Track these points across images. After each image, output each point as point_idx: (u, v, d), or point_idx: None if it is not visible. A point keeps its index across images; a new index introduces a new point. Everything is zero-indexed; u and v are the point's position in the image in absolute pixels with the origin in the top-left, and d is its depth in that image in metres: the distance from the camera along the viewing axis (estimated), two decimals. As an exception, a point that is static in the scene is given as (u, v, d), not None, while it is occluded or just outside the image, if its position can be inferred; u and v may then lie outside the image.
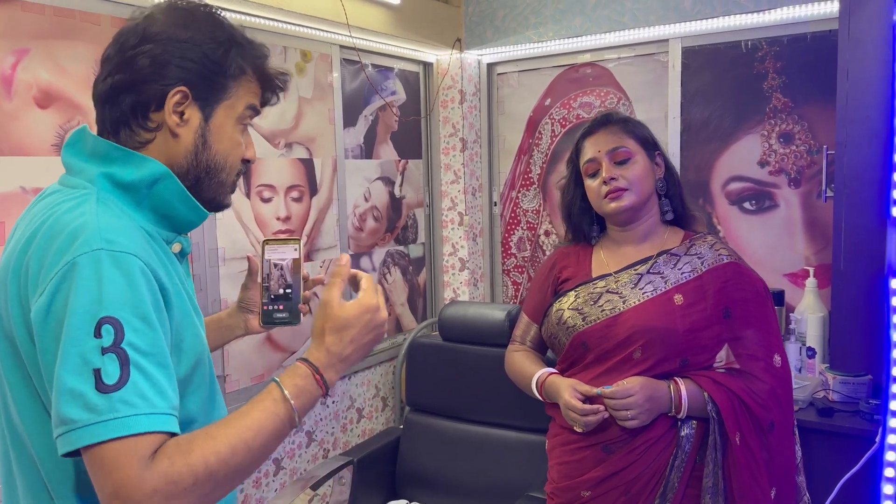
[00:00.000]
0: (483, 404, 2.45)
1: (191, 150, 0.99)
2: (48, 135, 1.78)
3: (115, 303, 0.83)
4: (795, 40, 2.49)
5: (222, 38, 1.00)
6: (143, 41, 0.95)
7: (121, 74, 0.95)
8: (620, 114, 1.67)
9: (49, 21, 1.78)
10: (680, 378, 1.50)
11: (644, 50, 2.80)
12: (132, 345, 0.83)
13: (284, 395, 0.92)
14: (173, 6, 1.00)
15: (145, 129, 0.97)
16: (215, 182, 1.02)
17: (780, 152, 2.54)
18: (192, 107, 0.98)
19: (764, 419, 1.48)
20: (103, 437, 0.79)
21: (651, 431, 1.50)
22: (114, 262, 0.84)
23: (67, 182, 0.97)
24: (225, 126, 1.01)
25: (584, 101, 2.97)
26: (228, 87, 1.00)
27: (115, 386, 0.80)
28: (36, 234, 0.89)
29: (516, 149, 3.17)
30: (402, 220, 3.05)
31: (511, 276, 3.25)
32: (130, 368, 0.82)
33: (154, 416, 0.82)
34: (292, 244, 1.18)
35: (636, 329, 1.51)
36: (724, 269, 1.56)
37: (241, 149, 1.04)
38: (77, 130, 0.99)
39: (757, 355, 1.52)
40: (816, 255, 2.49)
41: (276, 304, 1.17)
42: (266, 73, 1.05)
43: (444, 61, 3.11)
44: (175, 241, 1.01)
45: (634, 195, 1.57)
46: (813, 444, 1.97)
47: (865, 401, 2.02)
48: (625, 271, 1.60)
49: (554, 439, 1.66)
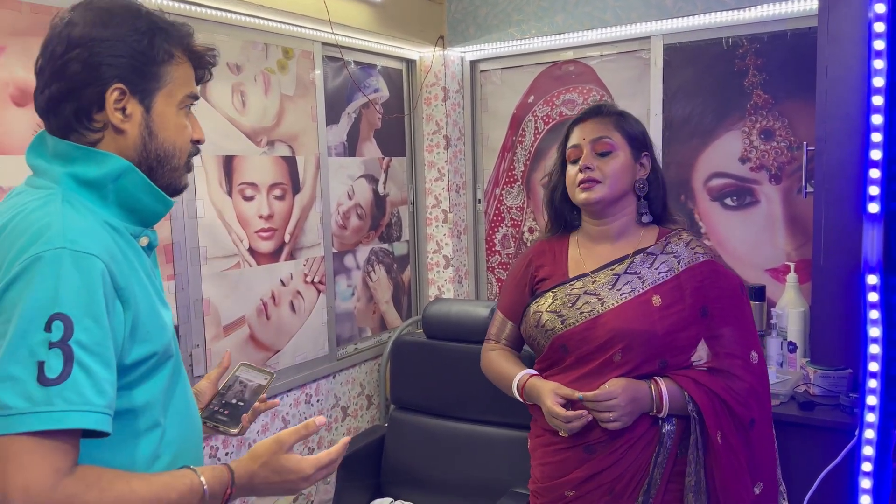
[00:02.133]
0: (467, 401, 2.45)
1: (139, 143, 1.01)
2: (26, 133, 1.76)
3: (69, 301, 0.86)
4: (775, 37, 2.51)
5: (144, 28, 1.01)
6: (69, 47, 0.97)
7: (56, 84, 0.97)
8: (616, 107, 1.65)
9: (26, 18, 1.75)
10: (660, 378, 1.51)
11: (626, 47, 2.81)
12: (80, 343, 0.86)
13: (204, 490, 0.96)
14: (89, 6, 1.00)
15: (92, 130, 0.99)
16: (168, 169, 1.05)
17: (761, 149, 2.56)
18: (132, 101, 1.00)
19: (745, 416, 1.49)
20: (34, 427, 0.82)
21: (632, 431, 1.50)
22: (74, 262, 0.88)
23: (33, 183, 1.00)
24: (167, 113, 1.03)
25: (567, 98, 2.98)
26: (161, 74, 1.02)
27: (55, 380, 0.84)
28: (2, 232, 0.92)
29: (500, 146, 3.17)
30: (386, 217, 3.05)
31: (495, 273, 3.26)
32: (74, 365, 0.85)
33: (86, 413, 0.85)
34: (265, 375, 1.27)
35: (615, 332, 1.51)
36: (701, 267, 1.56)
37: (187, 131, 1.07)
38: (38, 134, 1.02)
39: (735, 353, 1.52)
40: (797, 250, 2.52)
41: (224, 409, 1.23)
42: (194, 52, 1.07)
43: (428, 58, 3.11)
44: (142, 235, 1.04)
45: (606, 189, 1.56)
46: (794, 438, 1.99)
47: (845, 394, 2.04)
48: (602, 271, 1.59)
49: (536, 440, 1.66)
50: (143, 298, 0.98)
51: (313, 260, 2.63)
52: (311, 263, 2.63)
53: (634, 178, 1.61)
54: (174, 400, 1.06)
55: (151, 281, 1.03)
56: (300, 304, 2.58)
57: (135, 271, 0.98)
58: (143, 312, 0.97)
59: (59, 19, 1.00)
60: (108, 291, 0.91)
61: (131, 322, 0.95)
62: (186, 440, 1.08)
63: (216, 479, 0.98)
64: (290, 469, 1.03)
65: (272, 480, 1.03)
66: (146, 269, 1.03)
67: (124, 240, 1.00)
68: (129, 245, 1.00)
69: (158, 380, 1.02)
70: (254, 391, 1.24)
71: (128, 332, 0.94)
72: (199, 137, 1.09)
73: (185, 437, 1.08)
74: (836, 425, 1.95)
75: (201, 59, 1.08)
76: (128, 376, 0.96)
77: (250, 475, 1.02)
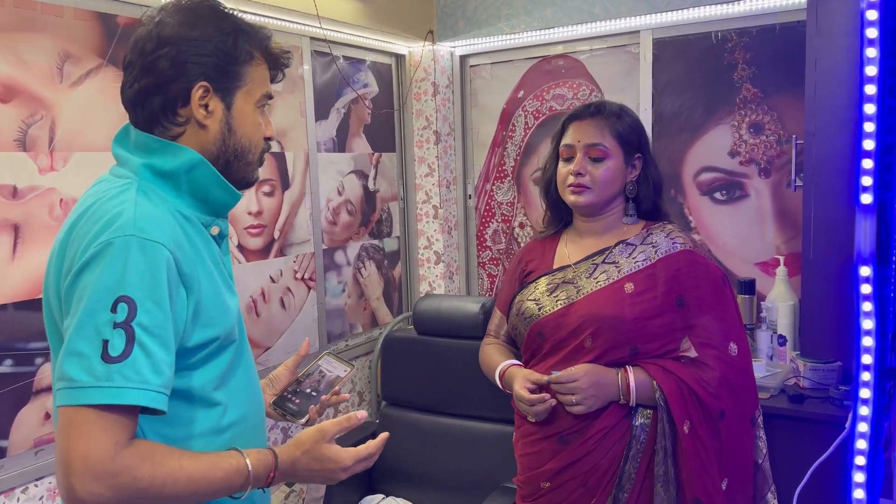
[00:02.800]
0: (458, 397, 2.45)
1: (218, 138, 1.08)
2: (10, 130, 1.73)
3: (133, 285, 0.93)
4: (764, 31, 2.51)
5: (228, 29, 1.07)
6: (159, 45, 1.04)
7: (145, 79, 1.05)
8: (614, 106, 1.63)
9: (9, 13, 1.73)
10: (630, 366, 1.52)
11: (616, 41, 2.81)
12: (141, 324, 0.92)
13: (249, 474, 1.01)
14: (179, 7, 1.08)
15: (175, 124, 1.07)
16: (243, 163, 1.12)
17: (751, 142, 2.56)
18: (215, 98, 1.07)
19: (714, 408, 1.49)
20: (97, 400, 0.89)
21: (603, 421, 1.51)
22: (141, 249, 0.94)
23: (116, 172, 1.08)
24: (245, 111, 1.10)
25: (557, 93, 2.97)
26: (242, 73, 1.09)
27: (116, 358, 0.90)
28: (82, 217, 1.00)
29: (490, 141, 3.17)
30: (377, 213, 3.03)
31: (486, 268, 3.25)
32: (134, 346, 0.91)
33: (143, 391, 0.91)
34: (346, 367, 1.29)
35: (585, 318, 1.54)
36: (678, 256, 1.56)
37: (262, 129, 1.14)
38: (124, 126, 1.11)
39: (710, 343, 1.52)
40: (787, 243, 2.53)
41: (295, 397, 1.25)
42: (272, 54, 1.14)
43: (417, 53, 3.09)
44: (213, 225, 1.11)
45: (594, 195, 1.59)
46: (784, 431, 1.99)
47: (835, 387, 2.05)
48: (583, 262, 1.62)
49: (517, 431, 1.68)
50: (208, 285, 1.04)
51: (303, 256, 2.62)
52: (301, 260, 2.61)
53: (625, 181, 1.62)
54: (235, 381, 1.11)
55: (219, 268, 1.10)
56: (290, 300, 2.57)
57: (201, 259, 1.04)
58: (207, 298, 1.03)
59: (148, 17, 1.07)
60: (172, 278, 0.97)
61: (194, 307, 1.00)
62: (247, 420, 1.13)
63: (261, 461, 1.03)
64: (330, 458, 1.08)
65: (313, 468, 1.07)
66: (214, 256, 1.09)
67: (194, 228, 1.07)
68: (198, 233, 1.07)
69: (220, 362, 1.07)
70: (329, 383, 1.26)
71: (190, 317, 1.00)
72: (271, 134, 1.17)
73: (246, 417, 1.13)
74: (826, 418, 1.95)
75: (277, 61, 1.15)
76: (190, 358, 1.02)
77: (293, 461, 1.06)
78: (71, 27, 1.86)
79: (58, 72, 1.83)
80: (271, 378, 1.32)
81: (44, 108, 1.80)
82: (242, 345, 1.15)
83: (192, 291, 1.00)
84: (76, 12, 1.87)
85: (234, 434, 1.10)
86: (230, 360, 1.10)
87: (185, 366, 1.02)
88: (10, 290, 1.74)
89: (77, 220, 1.01)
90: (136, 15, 2.01)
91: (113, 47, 1.95)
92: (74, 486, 0.88)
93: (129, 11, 1.99)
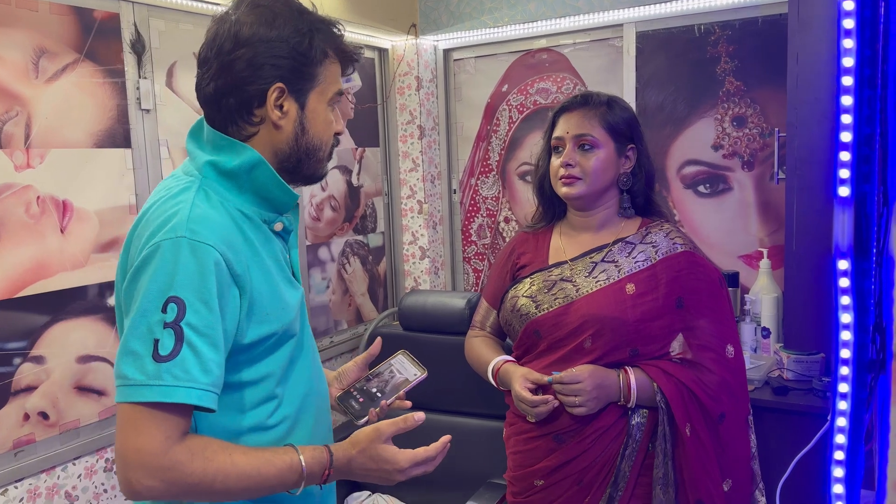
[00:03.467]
0: (444, 393, 2.44)
1: (291, 137, 1.09)
2: (-15, 126, 1.70)
3: (183, 285, 0.95)
4: (747, 24, 2.51)
5: (305, 29, 1.07)
6: (236, 46, 1.04)
7: (222, 79, 1.05)
8: (604, 96, 1.60)
9: (-17, 7, 1.70)
10: (630, 367, 1.50)
11: (599, 35, 2.80)
12: (190, 324, 0.95)
13: (302, 468, 1.02)
14: (256, 5, 1.07)
15: (250, 123, 1.08)
16: (314, 160, 1.13)
17: (734, 136, 2.57)
18: (289, 99, 1.07)
19: (714, 410, 1.48)
20: (147, 398, 0.93)
21: (601, 420, 1.50)
22: (191, 250, 0.96)
23: (185, 168, 1.11)
24: (318, 110, 1.11)
25: (541, 86, 2.97)
26: (316, 73, 1.09)
27: (166, 357, 0.93)
28: (145, 215, 1.04)
29: (474, 136, 3.16)
30: (361, 209, 3.02)
31: (472, 263, 3.25)
32: (183, 345, 0.94)
33: (191, 389, 0.94)
34: (419, 371, 1.26)
35: (586, 318, 1.51)
36: (678, 258, 1.55)
37: (332, 126, 1.14)
38: (198, 121, 1.13)
39: (709, 346, 1.52)
40: (770, 236, 2.53)
41: (360, 395, 1.23)
42: (345, 52, 1.14)
43: (400, 47, 3.07)
44: (276, 221, 1.12)
45: (586, 186, 1.56)
46: (768, 423, 2.00)
47: (818, 378, 2.06)
48: (580, 259, 1.59)
49: (510, 428, 1.66)
50: (264, 282, 1.05)
51: (287, 253, 2.60)
52: (285, 256, 2.59)
53: (618, 173, 1.59)
54: (294, 375, 1.13)
55: (280, 265, 1.11)
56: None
57: (257, 256, 1.06)
58: (263, 295, 1.04)
59: (226, 14, 1.07)
60: (223, 278, 0.99)
61: (248, 305, 1.02)
62: (305, 413, 1.14)
63: (315, 459, 1.04)
64: (386, 459, 1.07)
65: (368, 467, 1.07)
66: (275, 253, 1.10)
67: (254, 226, 1.08)
68: (258, 231, 1.08)
69: (279, 356, 1.09)
70: (395, 386, 1.23)
71: (244, 315, 1.02)
72: (341, 130, 1.16)
73: (305, 410, 1.14)
74: (810, 409, 1.97)
75: (349, 58, 1.15)
76: (248, 353, 1.04)
77: (348, 459, 1.07)
78: (47, 21, 1.83)
79: (33, 67, 1.80)
80: (340, 372, 1.32)
81: (19, 104, 1.77)
82: (304, 338, 1.16)
83: (245, 290, 1.02)
84: (52, 6, 1.84)
85: (292, 426, 1.11)
86: (290, 355, 1.11)
87: (243, 360, 1.04)
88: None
89: (141, 217, 1.04)
90: (112, 10, 1.98)
91: (90, 42, 1.92)
92: (130, 478, 0.93)
93: (106, 6, 1.96)
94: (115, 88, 1.99)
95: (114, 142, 1.99)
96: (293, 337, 1.12)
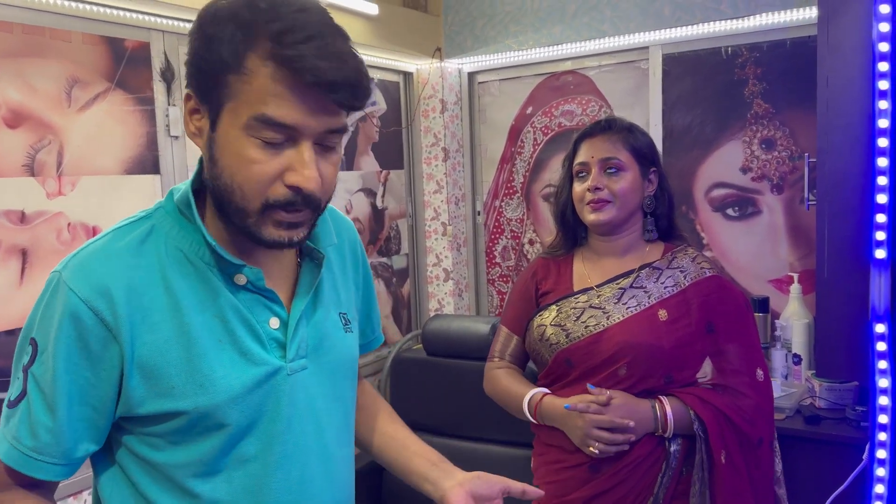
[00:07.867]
0: (468, 419, 2.43)
1: (207, 166, 0.83)
2: (18, 155, 1.74)
3: (41, 327, 0.83)
4: (775, 46, 2.49)
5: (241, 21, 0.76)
6: None
7: None
8: (625, 122, 1.62)
9: (18, 39, 1.73)
10: (664, 396, 1.48)
11: (624, 57, 2.79)
12: (34, 374, 0.83)
13: None
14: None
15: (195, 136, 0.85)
16: (233, 209, 0.82)
17: (763, 158, 2.54)
18: (203, 111, 0.81)
19: (753, 435, 1.47)
20: None
21: (638, 450, 1.47)
22: (55, 292, 0.83)
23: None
24: (229, 135, 0.79)
25: (566, 109, 2.96)
26: (228, 82, 0.77)
27: (10, 404, 0.85)
28: None
29: (499, 157, 3.15)
30: (385, 231, 3.02)
31: (496, 285, 3.23)
32: (24, 397, 0.83)
33: (11, 448, 0.84)
34: None
35: (622, 346, 1.49)
36: (707, 282, 1.54)
37: (254, 168, 0.78)
38: None
39: (741, 370, 1.50)
40: (800, 260, 2.49)
41: None
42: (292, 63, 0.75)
43: (425, 71, 3.09)
44: (239, 273, 0.86)
45: (616, 209, 1.55)
46: (800, 453, 1.96)
47: (852, 407, 2.01)
48: (607, 285, 1.57)
49: (539, 458, 1.63)
50: (174, 345, 0.83)
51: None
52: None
53: (643, 196, 1.59)
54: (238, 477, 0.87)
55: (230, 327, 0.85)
56: None
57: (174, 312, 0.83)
58: (167, 361, 0.83)
59: None
60: (88, 331, 0.81)
61: (138, 368, 0.82)
62: None
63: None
64: None
65: None
66: (221, 311, 0.85)
67: (195, 273, 0.85)
68: (198, 280, 0.85)
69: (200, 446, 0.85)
70: None
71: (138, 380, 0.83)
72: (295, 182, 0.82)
73: None
74: (844, 439, 1.92)
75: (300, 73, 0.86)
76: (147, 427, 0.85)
77: None
78: (79, 52, 1.86)
79: (66, 96, 1.83)
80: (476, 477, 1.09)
81: (52, 133, 1.80)
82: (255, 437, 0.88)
83: (132, 349, 0.82)
84: (85, 37, 1.87)
85: None
86: (220, 447, 0.86)
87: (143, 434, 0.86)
88: (18, 315, 1.74)
89: None
90: (144, 39, 2.01)
91: (121, 71, 1.96)
92: None
93: (137, 35, 2.00)
94: (145, 116, 2.02)
95: (143, 168, 2.02)
96: (224, 428, 0.85)
